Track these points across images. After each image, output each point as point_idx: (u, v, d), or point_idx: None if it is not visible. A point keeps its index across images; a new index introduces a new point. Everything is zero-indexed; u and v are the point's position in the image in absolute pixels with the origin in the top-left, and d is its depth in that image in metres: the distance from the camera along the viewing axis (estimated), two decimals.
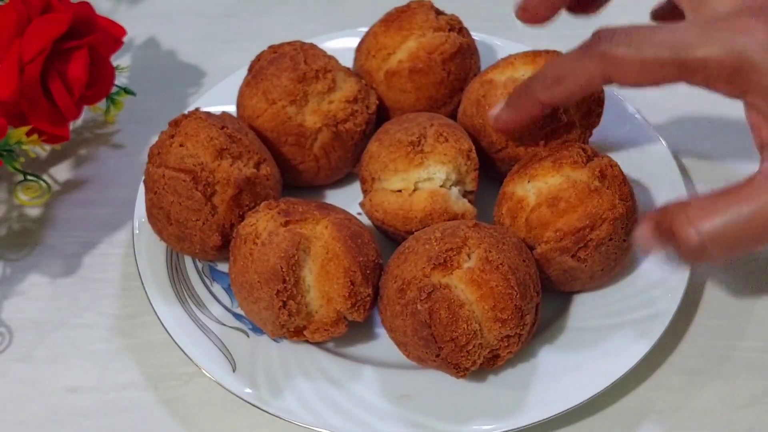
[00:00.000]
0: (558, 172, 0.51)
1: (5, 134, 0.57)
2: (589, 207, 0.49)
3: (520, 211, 0.51)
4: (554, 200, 0.50)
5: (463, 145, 0.54)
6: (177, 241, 0.54)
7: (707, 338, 0.54)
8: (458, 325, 0.46)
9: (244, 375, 0.50)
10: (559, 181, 0.50)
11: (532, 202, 0.51)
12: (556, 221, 0.50)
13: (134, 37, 0.78)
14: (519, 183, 0.52)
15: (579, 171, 0.50)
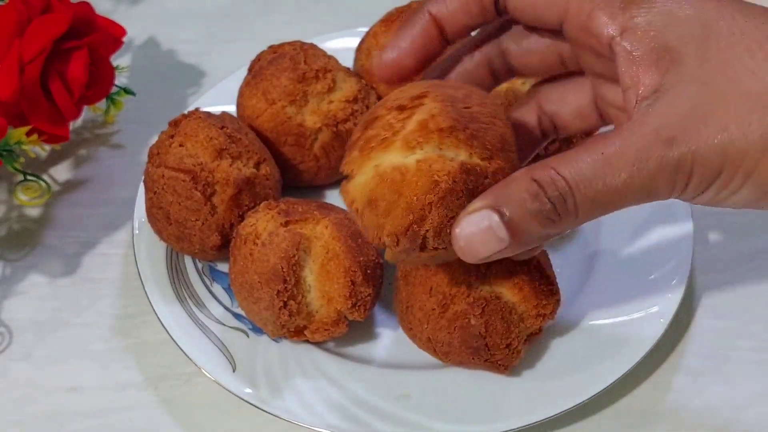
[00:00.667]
0: (367, 162, 0.39)
1: (5, 134, 0.57)
2: (407, 197, 0.37)
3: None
4: (371, 202, 0.38)
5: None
6: (177, 241, 0.54)
7: (707, 338, 0.54)
8: (511, 331, 0.47)
9: (244, 375, 0.50)
10: (370, 175, 0.38)
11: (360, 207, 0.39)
12: (384, 225, 0.38)
13: (134, 37, 0.78)
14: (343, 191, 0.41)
15: (390, 152, 0.38)
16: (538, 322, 0.48)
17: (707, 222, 0.60)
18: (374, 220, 0.38)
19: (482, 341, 0.47)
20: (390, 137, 0.37)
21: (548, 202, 0.32)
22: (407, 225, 0.37)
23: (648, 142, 0.32)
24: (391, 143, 0.37)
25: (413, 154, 0.37)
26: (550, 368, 0.50)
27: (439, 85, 0.39)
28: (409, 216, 0.37)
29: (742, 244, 0.59)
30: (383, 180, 0.37)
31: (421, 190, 0.36)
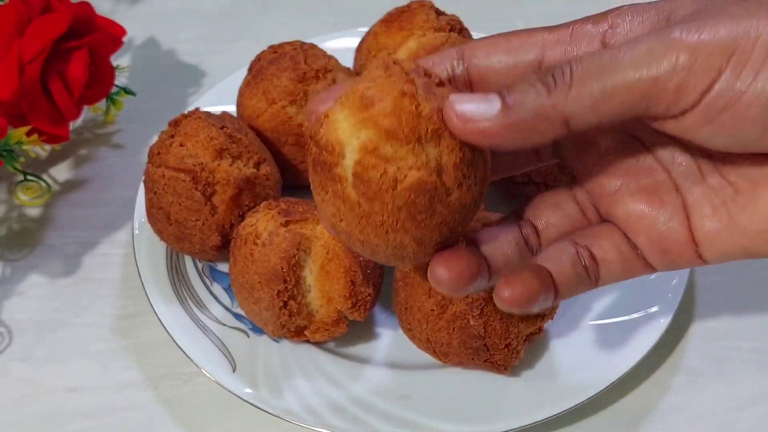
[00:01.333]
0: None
1: (5, 134, 0.57)
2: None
3: None
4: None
5: None
6: (177, 241, 0.54)
7: (707, 338, 0.54)
8: (510, 332, 0.47)
9: (244, 375, 0.50)
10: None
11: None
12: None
13: (134, 37, 0.78)
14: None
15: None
16: (537, 322, 0.48)
17: None
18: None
19: (481, 341, 0.47)
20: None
21: (549, 73, 0.31)
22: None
23: (643, 37, 0.30)
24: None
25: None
26: (550, 368, 0.50)
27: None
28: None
29: None
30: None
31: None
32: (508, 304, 0.34)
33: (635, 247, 0.35)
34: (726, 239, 0.33)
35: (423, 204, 0.32)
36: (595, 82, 0.30)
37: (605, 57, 0.30)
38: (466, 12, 0.64)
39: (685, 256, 0.34)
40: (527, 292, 0.34)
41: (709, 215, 0.33)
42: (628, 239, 0.35)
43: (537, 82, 0.30)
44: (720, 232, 0.33)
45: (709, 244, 0.34)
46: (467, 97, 0.31)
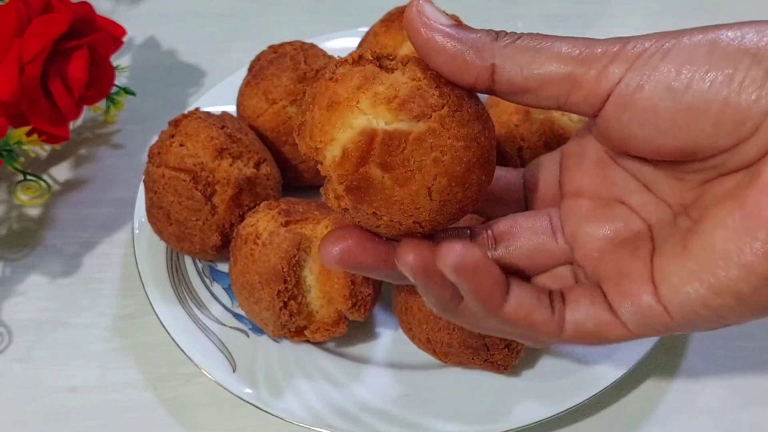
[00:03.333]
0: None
1: (5, 134, 0.57)
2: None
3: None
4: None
5: None
6: (177, 241, 0.54)
7: (707, 338, 0.54)
8: None
9: (244, 375, 0.50)
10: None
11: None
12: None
13: (134, 37, 0.78)
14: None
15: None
16: None
17: None
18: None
19: (481, 341, 0.47)
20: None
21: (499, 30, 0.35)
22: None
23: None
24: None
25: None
26: (550, 368, 0.50)
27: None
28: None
29: None
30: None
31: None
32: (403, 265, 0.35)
33: (606, 298, 0.35)
34: (682, 280, 0.32)
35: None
36: (531, 51, 0.33)
37: (546, 42, 0.33)
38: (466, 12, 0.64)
39: (650, 306, 0.33)
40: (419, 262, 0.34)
41: (668, 253, 0.33)
42: (600, 288, 0.35)
43: (489, 31, 0.34)
44: (676, 269, 0.32)
45: (668, 290, 0.32)
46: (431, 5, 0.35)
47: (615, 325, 0.34)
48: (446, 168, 0.32)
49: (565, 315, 0.35)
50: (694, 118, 0.30)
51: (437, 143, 0.32)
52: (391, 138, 0.32)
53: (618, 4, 0.83)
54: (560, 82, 0.32)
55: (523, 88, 0.33)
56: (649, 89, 0.31)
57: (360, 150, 0.32)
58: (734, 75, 0.29)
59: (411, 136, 0.32)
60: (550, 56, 0.32)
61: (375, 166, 0.32)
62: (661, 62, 0.30)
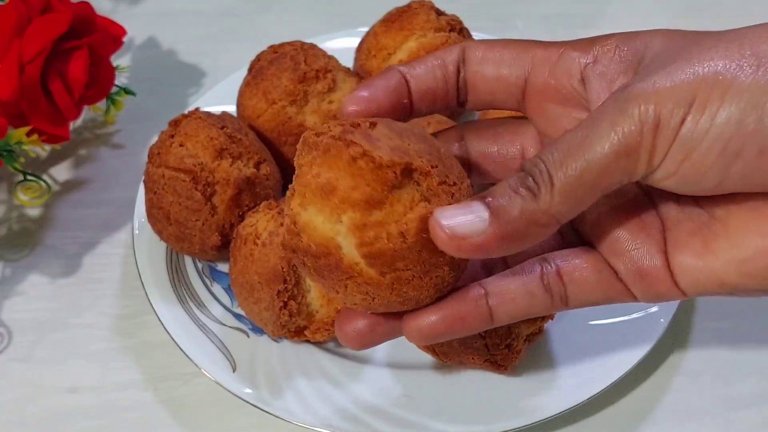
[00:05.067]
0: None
1: (5, 134, 0.57)
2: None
3: None
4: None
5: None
6: (177, 241, 0.54)
7: (707, 338, 0.54)
8: (511, 331, 0.47)
9: (244, 375, 0.50)
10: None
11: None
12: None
13: (134, 37, 0.78)
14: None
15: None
16: (538, 322, 0.48)
17: None
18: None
19: (482, 341, 0.47)
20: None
21: (527, 176, 0.31)
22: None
23: (607, 109, 0.30)
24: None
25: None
26: (551, 368, 0.50)
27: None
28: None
29: None
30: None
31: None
32: (411, 339, 0.35)
33: (615, 272, 0.35)
34: (701, 270, 0.32)
35: None
36: (572, 173, 0.30)
37: (575, 145, 0.30)
38: (466, 12, 0.64)
39: (663, 285, 0.33)
40: (425, 331, 0.34)
41: (685, 244, 0.33)
42: (608, 262, 0.35)
43: (519, 188, 0.30)
44: (695, 262, 0.32)
45: (685, 275, 0.33)
46: (452, 211, 0.31)
47: (623, 294, 0.35)
48: (372, 305, 0.33)
49: (567, 293, 0.35)
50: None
51: (373, 292, 0.32)
52: (339, 265, 0.32)
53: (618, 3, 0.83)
54: (618, 181, 0.30)
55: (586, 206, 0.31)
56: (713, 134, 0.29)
57: (306, 247, 0.32)
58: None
59: (358, 277, 0.32)
60: (593, 172, 0.30)
61: (310, 265, 0.32)
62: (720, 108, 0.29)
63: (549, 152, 0.30)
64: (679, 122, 0.29)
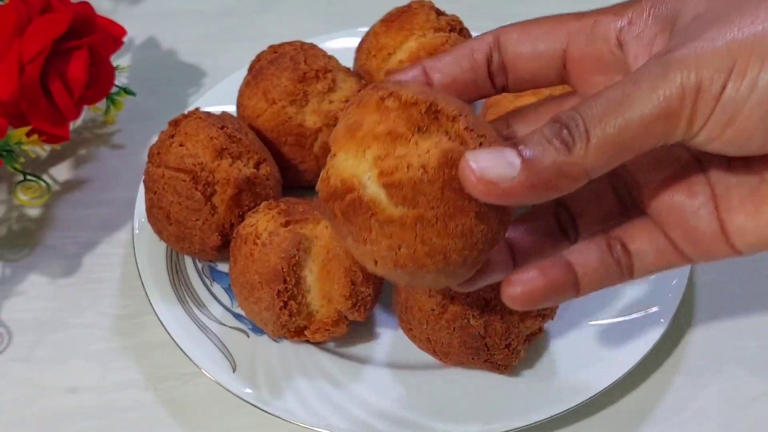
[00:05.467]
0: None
1: (5, 134, 0.57)
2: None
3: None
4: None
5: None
6: (177, 241, 0.54)
7: (707, 338, 0.54)
8: (511, 331, 0.47)
9: (244, 375, 0.50)
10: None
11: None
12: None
13: (134, 37, 0.78)
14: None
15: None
16: (538, 322, 0.48)
17: None
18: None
19: (482, 341, 0.47)
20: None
21: (562, 127, 0.30)
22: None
23: (649, 74, 0.30)
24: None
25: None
26: (550, 368, 0.50)
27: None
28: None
29: None
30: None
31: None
32: (511, 303, 0.35)
33: (671, 240, 0.35)
34: (754, 229, 0.33)
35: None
36: (610, 131, 0.30)
37: (614, 103, 0.30)
38: (466, 12, 0.64)
39: (719, 248, 0.34)
40: (529, 292, 0.35)
41: (737, 206, 0.33)
42: (664, 232, 0.36)
43: (554, 139, 0.30)
44: (748, 222, 0.33)
45: (739, 235, 0.33)
46: (483, 155, 0.30)
47: (681, 259, 0.36)
48: (399, 257, 0.32)
49: (633, 264, 0.36)
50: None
51: (398, 236, 0.31)
52: (361, 201, 0.31)
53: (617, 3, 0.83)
54: (654, 141, 0.30)
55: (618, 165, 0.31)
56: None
57: (333, 189, 0.32)
58: None
59: (380, 214, 0.31)
60: (631, 128, 0.30)
61: (338, 210, 0.32)
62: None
63: (587, 107, 0.30)
64: (720, 88, 0.30)
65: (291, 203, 0.51)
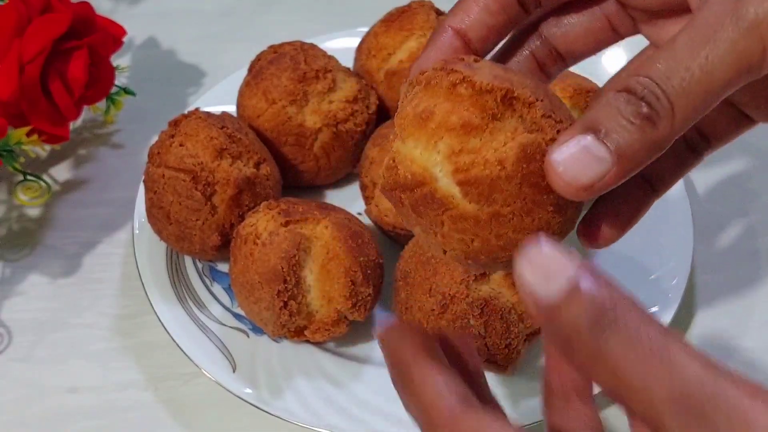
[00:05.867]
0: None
1: (5, 134, 0.57)
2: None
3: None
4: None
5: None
6: (177, 240, 0.54)
7: (707, 338, 0.54)
8: (511, 331, 0.47)
9: (244, 375, 0.50)
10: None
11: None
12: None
13: (134, 37, 0.78)
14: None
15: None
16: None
17: (707, 222, 0.60)
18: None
19: (482, 341, 0.47)
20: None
21: (641, 102, 0.28)
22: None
23: (718, 13, 0.28)
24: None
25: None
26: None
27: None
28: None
29: (742, 244, 0.59)
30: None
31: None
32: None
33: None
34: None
35: (539, 167, 0.29)
36: (691, 100, 0.28)
37: (696, 70, 0.28)
38: None
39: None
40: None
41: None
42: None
43: (636, 118, 0.28)
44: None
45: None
46: (569, 156, 0.28)
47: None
48: (471, 250, 0.30)
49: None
50: None
51: (471, 231, 0.30)
52: (433, 196, 0.30)
53: None
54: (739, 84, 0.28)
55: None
56: None
57: (402, 180, 0.30)
58: None
59: (454, 210, 0.30)
60: (716, 89, 0.28)
61: (407, 201, 0.31)
62: None
63: (665, 74, 0.28)
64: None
65: (291, 203, 0.51)
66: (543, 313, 0.26)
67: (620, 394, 0.25)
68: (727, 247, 0.59)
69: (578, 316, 0.25)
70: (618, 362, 0.25)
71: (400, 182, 0.30)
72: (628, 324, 0.25)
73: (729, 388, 0.24)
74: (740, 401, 0.24)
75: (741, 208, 0.61)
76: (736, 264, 0.58)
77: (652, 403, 0.24)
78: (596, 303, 0.26)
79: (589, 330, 0.25)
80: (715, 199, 0.62)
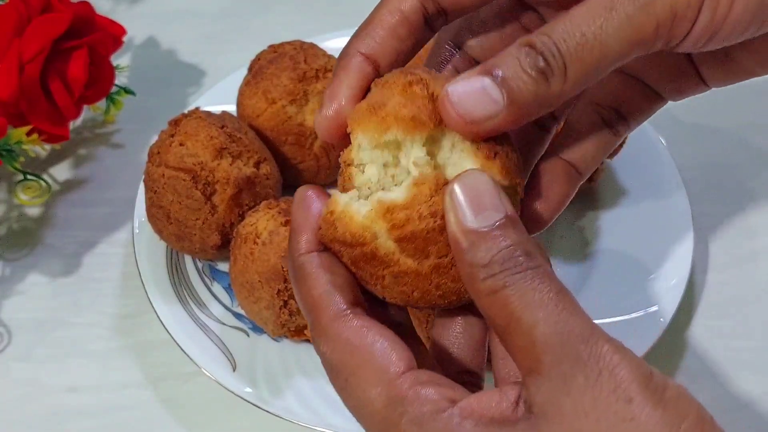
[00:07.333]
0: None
1: (5, 134, 0.57)
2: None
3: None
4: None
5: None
6: (177, 240, 0.54)
7: (707, 338, 0.54)
8: None
9: (244, 374, 0.50)
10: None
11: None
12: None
13: (134, 37, 0.78)
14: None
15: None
16: None
17: (707, 222, 0.60)
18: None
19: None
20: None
21: (540, 56, 0.30)
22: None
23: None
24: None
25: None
26: None
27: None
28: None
29: (742, 244, 0.59)
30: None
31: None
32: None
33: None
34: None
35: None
36: (588, 66, 0.30)
37: (590, 36, 0.30)
38: None
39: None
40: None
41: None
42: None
43: (531, 69, 0.30)
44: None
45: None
46: (465, 92, 0.30)
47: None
48: (412, 299, 0.32)
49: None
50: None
51: (411, 284, 0.31)
52: (374, 255, 0.31)
53: None
54: (631, 56, 0.30)
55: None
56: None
57: (341, 237, 0.31)
58: None
59: (395, 267, 0.31)
60: (608, 52, 0.30)
61: (346, 256, 0.31)
62: None
63: (562, 37, 0.30)
64: (695, 14, 0.30)
65: (291, 202, 0.51)
66: (464, 235, 0.29)
67: (506, 329, 0.28)
68: (727, 247, 0.59)
69: (497, 251, 0.28)
70: (515, 299, 0.28)
71: (339, 239, 0.31)
72: (538, 271, 0.28)
73: (604, 344, 0.27)
74: (611, 356, 0.27)
75: (741, 208, 0.61)
76: (736, 264, 0.58)
77: (534, 339, 0.27)
78: (517, 247, 0.28)
79: (500, 267, 0.28)
80: (715, 199, 0.62)
